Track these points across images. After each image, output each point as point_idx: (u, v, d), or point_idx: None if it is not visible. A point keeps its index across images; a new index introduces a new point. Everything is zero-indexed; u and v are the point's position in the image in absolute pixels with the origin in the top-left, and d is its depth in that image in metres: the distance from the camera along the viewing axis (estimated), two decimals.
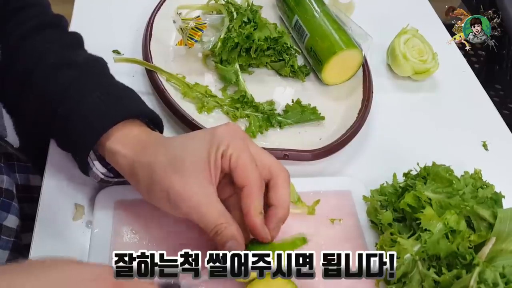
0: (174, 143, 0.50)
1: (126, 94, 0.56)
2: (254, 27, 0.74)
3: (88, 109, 0.51)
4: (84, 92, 0.52)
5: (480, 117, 0.79)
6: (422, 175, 0.59)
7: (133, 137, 0.51)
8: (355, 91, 0.75)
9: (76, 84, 0.53)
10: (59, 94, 0.52)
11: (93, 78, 0.55)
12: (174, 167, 0.47)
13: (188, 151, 0.48)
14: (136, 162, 0.50)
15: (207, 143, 0.47)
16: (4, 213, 0.59)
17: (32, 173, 0.68)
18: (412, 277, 0.51)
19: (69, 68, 0.54)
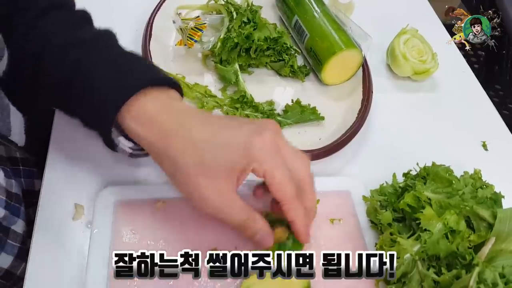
0: (202, 141, 0.47)
1: (136, 64, 0.53)
2: (254, 27, 0.74)
3: (100, 86, 0.49)
4: (94, 69, 0.50)
5: (479, 117, 0.79)
6: (422, 175, 0.59)
7: (151, 116, 0.48)
8: (355, 91, 0.75)
9: (84, 63, 0.51)
10: (70, 75, 0.50)
11: (102, 53, 0.52)
12: (201, 171, 0.46)
13: (218, 159, 0.46)
14: (159, 153, 0.48)
15: (240, 157, 0.46)
16: (14, 217, 0.59)
17: (37, 178, 0.68)
18: (412, 277, 0.51)
19: (77, 47, 0.52)
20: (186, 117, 0.49)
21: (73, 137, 0.64)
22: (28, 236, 0.61)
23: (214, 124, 0.49)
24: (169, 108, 0.49)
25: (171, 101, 0.50)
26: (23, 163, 0.66)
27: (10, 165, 0.64)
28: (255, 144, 0.46)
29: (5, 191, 0.57)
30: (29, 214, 0.63)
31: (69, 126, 0.66)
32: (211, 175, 0.46)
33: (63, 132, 0.65)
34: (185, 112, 0.50)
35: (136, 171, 0.62)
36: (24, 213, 0.61)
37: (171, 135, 0.47)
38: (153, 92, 0.49)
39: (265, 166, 0.46)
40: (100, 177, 0.61)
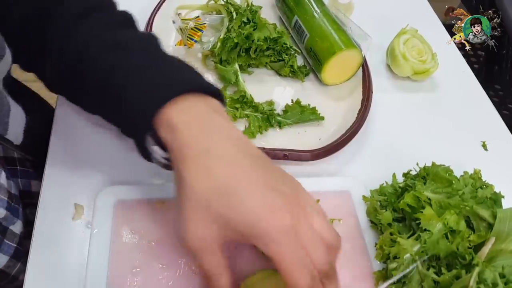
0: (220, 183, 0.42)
1: (174, 70, 0.49)
2: (254, 27, 0.74)
3: (134, 92, 0.46)
4: (129, 74, 0.47)
5: (479, 117, 0.79)
6: (422, 175, 0.59)
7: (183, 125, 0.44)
8: (355, 91, 0.75)
9: (120, 67, 0.48)
10: (105, 80, 0.48)
11: (139, 57, 0.49)
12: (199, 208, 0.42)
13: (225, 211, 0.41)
14: (177, 166, 0.44)
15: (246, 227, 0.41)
16: (14, 218, 0.59)
17: (34, 178, 0.68)
18: (412, 277, 0.51)
19: (114, 51, 0.49)
20: (218, 141, 0.44)
21: (73, 137, 0.65)
22: (24, 236, 0.61)
23: (242, 167, 0.43)
24: (205, 123, 0.45)
25: (209, 114, 0.45)
26: (21, 164, 0.66)
27: (7, 165, 0.64)
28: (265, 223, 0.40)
29: (7, 192, 0.57)
30: (26, 214, 0.63)
31: (69, 126, 0.66)
32: (211, 218, 0.42)
33: (63, 132, 0.65)
34: (220, 134, 0.44)
35: (136, 171, 0.62)
36: (22, 214, 0.61)
37: (194, 155, 0.43)
38: (192, 98, 0.46)
39: (271, 248, 0.40)
40: (100, 177, 0.61)
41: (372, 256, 0.56)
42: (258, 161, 0.45)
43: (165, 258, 0.53)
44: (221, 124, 0.45)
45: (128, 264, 0.52)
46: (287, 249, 0.40)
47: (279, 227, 0.40)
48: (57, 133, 0.65)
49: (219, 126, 0.45)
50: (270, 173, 0.44)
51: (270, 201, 0.41)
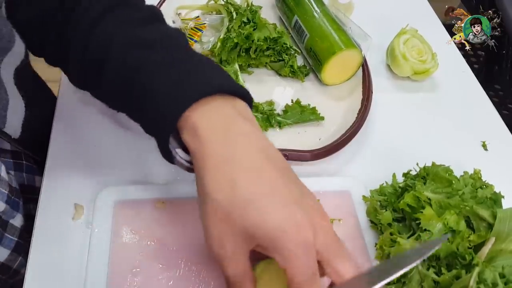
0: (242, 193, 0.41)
1: (201, 70, 0.47)
2: (254, 27, 0.74)
3: (158, 94, 0.45)
4: (153, 74, 0.46)
5: (479, 117, 0.79)
6: (422, 175, 0.59)
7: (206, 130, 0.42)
8: (355, 91, 0.75)
9: (144, 66, 0.47)
10: (130, 78, 0.47)
11: (165, 56, 0.47)
12: (223, 218, 0.41)
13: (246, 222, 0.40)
14: (199, 173, 0.43)
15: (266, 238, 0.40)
16: (14, 211, 0.59)
17: (38, 174, 0.68)
18: (412, 277, 0.51)
19: (138, 49, 0.48)
20: (242, 150, 0.42)
21: (73, 137, 0.65)
22: (25, 230, 0.61)
23: (265, 179, 0.41)
24: (229, 129, 0.43)
25: (234, 118, 0.44)
26: (26, 158, 0.66)
27: (13, 159, 0.64)
28: (287, 238, 0.40)
29: (8, 185, 0.57)
30: (28, 209, 0.63)
31: (69, 126, 0.66)
32: (231, 230, 0.41)
33: (63, 132, 0.65)
34: (245, 143, 0.43)
35: (136, 171, 0.62)
36: (23, 208, 0.61)
37: (216, 164, 0.42)
38: (218, 100, 0.44)
39: (287, 263, 0.40)
40: (100, 177, 0.61)
41: (372, 256, 0.56)
42: (283, 173, 0.43)
43: (165, 258, 0.53)
44: (247, 130, 0.43)
45: (128, 264, 0.52)
46: (302, 266, 0.40)
47: (301, 243, 0.40)
48: (57, 133, 0.65)
49: (245, 133, 0.43)
50: (295, 186, 0.43)
51: (294, 215, 0.40)
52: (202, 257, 0.53)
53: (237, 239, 0.41)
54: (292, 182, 0.44)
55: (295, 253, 0.39)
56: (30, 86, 0.66)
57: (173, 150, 0.46)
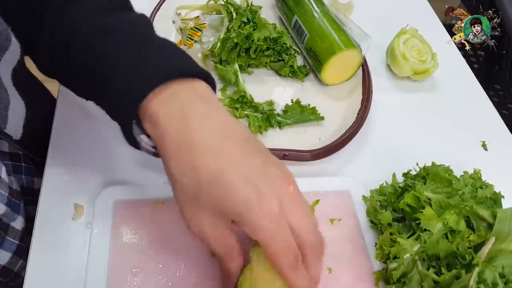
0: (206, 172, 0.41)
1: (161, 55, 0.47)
2: (254, 27, 0.74)
3: (118, 81, 0.45)
4: (114, 61, 0.46)
5: (479, 117, 0.79)
6: (422, 175, 0.59)
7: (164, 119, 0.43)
8: (355, 91, 0.75)
9: (107, 52, 0.47)
10: (94, 64, 0.47)
11: (126, 43, 0.48)
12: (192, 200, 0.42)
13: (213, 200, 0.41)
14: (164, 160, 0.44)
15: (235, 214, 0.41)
16: (14, 214, 0.59)
17: (37, 176, 0.68)
18: (412, 277, 0.51)
19: (103, 35, 0.48)
20: (199, 134, 0.42)
21: (73, 137, 0.65)
22: (27, 233, 0.61)
23: (225, 157, 0.42)
24: (186, 114, 0.43)
25: (192, 102, 0.44)
26: (25, 160, 0.66)
27: (12, 161, 0.64)
28: (252, 211, 0.40)
29: (8, 188, 0.57)
30: (28, 211, 0.63)
31: (69, 126, 0.66)
32: (203, 209, 0.42)
33: (63, 132, 0.65)
34: (202, 126, 0.43)
35: (136, 171, 0.62)
36: (24, 210, 0.61)
37: (177, 149, 0.42)
38: (175, 85, 0.44)
39: (258, 234, 0.41)
40: (100, 177, 0.61)
41: (372, 256, 0.56)
42: (248, 147, 0.44)
43: (165, 258, 0.53)
44: (205, 112, 0.44)
45: (128, 264, 0.52)
46: (273, 235, 0.41)
47: (266, 213, 0.41)
48: (57, 133, 0.65)
49: (203, 115, 0.43)
50: (258, 156, 0.44)
51: (256, 187, 0.41)
52: (202, 257, 0.53)
53: (212, 218, 0.42)
54: (255, 152, 0.44)
55: (261, 224, 0.40)
56: (28, 86, 0.66)
57: (138, 137, 0.47)
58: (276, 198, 0.41)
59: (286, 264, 0.42)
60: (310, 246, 0.43)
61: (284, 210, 0.42)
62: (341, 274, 0.54)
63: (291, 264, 0.42)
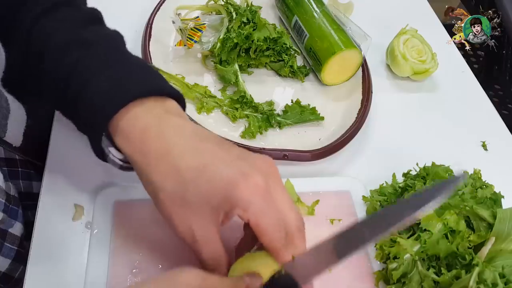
0: (187, 171, 0.42)
1: (135, 71, 0.49)
2: (254, 27, 0.74)
3: (92, 93, 0.46)
4: (88, 73, 0.47)
5: (479, 117, 0.79)
6: (422, 175, 0.59)
7: (139, 131, 0.44)
8: (355, 92, 0.75)
9: (81, 65, 0.48)
10: (67, 76, 0.47)
11: (100, 57, 0.49)
12: (180, 202, 0.43)
13: (199, 197, 0.42)
14: (143, 173, 0.45)
15: (222, 200, 0.42)
16: (12, 220, 0.59)
17: (35, 180, 0.68)
18: (412, 277, 0.51)
19: (77, 48, 0.49)
20: (174, 137, 0.44)
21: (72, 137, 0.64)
22: (25, 239, 0.61)
23: (204, 152, 0.44)
24: (160, 124, 0.45)
25: (165, 116, 0.46)
26: (22, 165, 0.66)
27: (8, 167, 0.63)
28: (240, 187, 0.41)
29: (5, 194, 0.57)
30: (27, 216, 0.63)
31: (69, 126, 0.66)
32: (191, 210, 0.43)
33: (62, 132, 0.65)
34: (176, 132, 0.45)
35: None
36: (22, 216, 0.61)
37: (154, 157, 0.44)
38: (148, 102, 0.46)
39: (249, 212, 0.42)
40: (100, 177, 0.61)
41: (372, 256, 0.56)
42: (224, 145, 0.45)
43: (165, 258, 0.53)
44: (179, 123, 0.45)
45: (128, 264, 0.52)
46: (264, 210, 0.42)
47: (254, 189, 0.42)
48: (57, 133, 0.65)
49: (178, 126, 0.45)
50: (235, 149, 0.45)
51: (240, 168, 0.42)
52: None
53: (202, 218, 0.43)
54: (231, 147, 0.46)
55: (250, 200, 0.41)
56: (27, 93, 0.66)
57: (106, 149, 0.48)
58: (260, 175, 0.43)
59: (279, 240, 0.43)
60: (295, 225, 0.44)
61: (269, 186, 0.43)
62: (341, 274, 0.54)
63: (283, 240, 0.43)
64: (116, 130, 0.45)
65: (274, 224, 0.43)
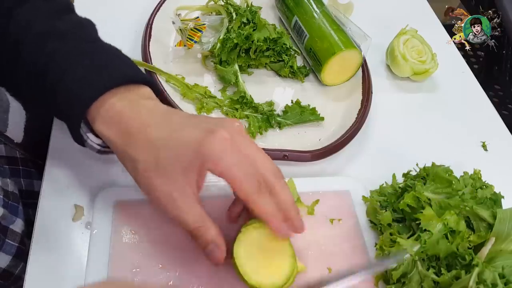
0: (159, 140, 0.46)
1: (110, 60, 0.52)
2: (253, 27, 0.74)
3: (71, 82, 0.48)
4: (67, 63, 0.49)
5: (479, 118, 0.79)
6: (422, 175, 0.59)
7: (117, 115, 0.48)
8: (355, 92, 0.75)
9: (59, 55, 0.50)
10: (44, 66, 0.50)
11: (77, 46, 0.51)
12: (156, 172, 0.45)
13: (171, 159, 0.45)
14: (120, 152, 0.48)
15: (192, 157, 0.44)
16: (13, 216, 0.59)
17: (36, 178, 0.68)
18: (412, 278, 0.51)
19: (53, 38, 0.51)
20: (148, 116, 0.48)
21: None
22: (26, 236, 0.61)
23: (173, 123, 0.47)
24: (134, 107, 0.48)
25: (139, 100, 0.49)
26: (23, 163, 0.66)
27: (9, 165, 0.63)
28: (207, 142, 0.44)
29: (1, 190, 0.57)
30: (28, 214, 0.63)
31: None
32: (166, 176, 0.45)
33: (63, 132, 0.65)
34: (149, 111, 0.48)
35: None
36: (23, 213, 0.61)
37: (131, 134, 0.47)
38: (123, 90, 0.49)
39: (220, 165, 0.44)
40: (100, 177, 0.61)
41: (372, 257, 0.56)
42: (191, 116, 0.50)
43: (165, 258, 0.53)
44: (149, 105, 0.49)
45: (128, 264, 0.52)
46: (233, 161, 0.44)
47: (221, 142, 0.44)
48: (57, 133, 0.65)
49: (148, 107, 0.49)
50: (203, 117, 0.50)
51: (207, 127, 0.45)
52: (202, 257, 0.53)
53: (180, 181, 0.45)
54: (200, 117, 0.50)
55: (221, 155, 0.44)
56: None
57: (84, 135, 0.51)
58: (225, 130, 0.45)
59: (252, 190, 0.45)
60: (270, 172, 0.46)
61: (236, 141, 0.45)
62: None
63: (256, 190, 0.45)
64: (95, 117, 0.48)
65: (245, 174, 0.44)
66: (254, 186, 0.45)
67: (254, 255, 0.48)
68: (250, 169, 0.45)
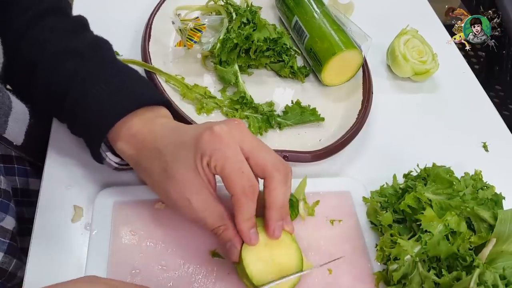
0: (166, 147, 0.49)
1: (130, 83, 0.54)
2: (254, 28, 0.74)
3: (92, 104, 0.51)
4: (88, 84, 0.52)
5: (480, 118, 0.78)
6: (422, 176, 0.59)
7: (135, 134, 0.51)
8: (355, 92, 0.74)
9: (79, 75, 0.52)
10: (63, 87, 0.52)
11: (98, 67, 0.54)
12: (166, 176, 0.47)
13: (178, 160, 0.47)
14: (137, 165, 0.51)
15: (193, 153, 0.46)
16: (2, 214, 0.59)
17: (32, 176, 0.68)
18: (412, 279, 0.51)
19: (72, 58, 0.53)
20: (160, 130, 0.50)
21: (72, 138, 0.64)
22: (18, 233, 0.61)
23: (180, 132, 0.49)
24: (150, 125, 0.51)
25: (154, 118, 0.52)
26: (18, 162, 0.66)
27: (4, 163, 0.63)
28: (203, 137, 0.46)
29: None
30: (21, 212, 0.63)
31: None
32: (176, 180, 0.47)
33: (62, 133, 0.65)
34: (161, 126, 0.51)
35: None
36: (14, 211, 0.61)
37: (145, 148, 0.50)
38: (143, 110, 0.52)
39: (214, 158, 0.45)
40: (99, 178, 0.61)
41: (373, 257, 0.56)
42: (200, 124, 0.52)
43: (165, 259, 0.53)
44: (163, 122, 0.52)
45: (127, 265, 0.52)
46: (226, 156, 0.45)
47: (216, 136, 0.45)
48: (56, 134, 0.65)
49: (162, 124, 0.52)
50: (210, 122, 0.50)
51: (206, 125, 0.47)
52: (202, 258, 0.53)
53: (191, 183, 0.46)
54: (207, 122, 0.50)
55: (213, 146, 0.45)
56: None
57: (103, 153, 0.54)
58: (225, 125, 0.47)
59: (240, 189, 0.45)
60: (271, 164, 0.47)
61: (233, 135, 0.46)
62: (341, 275, 0.54)
63: (244, 190, 0.45)
64: (115, 137, 0.51)
65: (236, 171, 0.45)
66: (244, 185, 0.46)
67: (261, 257, 0.48)
68: (245, 167, 0.46)
